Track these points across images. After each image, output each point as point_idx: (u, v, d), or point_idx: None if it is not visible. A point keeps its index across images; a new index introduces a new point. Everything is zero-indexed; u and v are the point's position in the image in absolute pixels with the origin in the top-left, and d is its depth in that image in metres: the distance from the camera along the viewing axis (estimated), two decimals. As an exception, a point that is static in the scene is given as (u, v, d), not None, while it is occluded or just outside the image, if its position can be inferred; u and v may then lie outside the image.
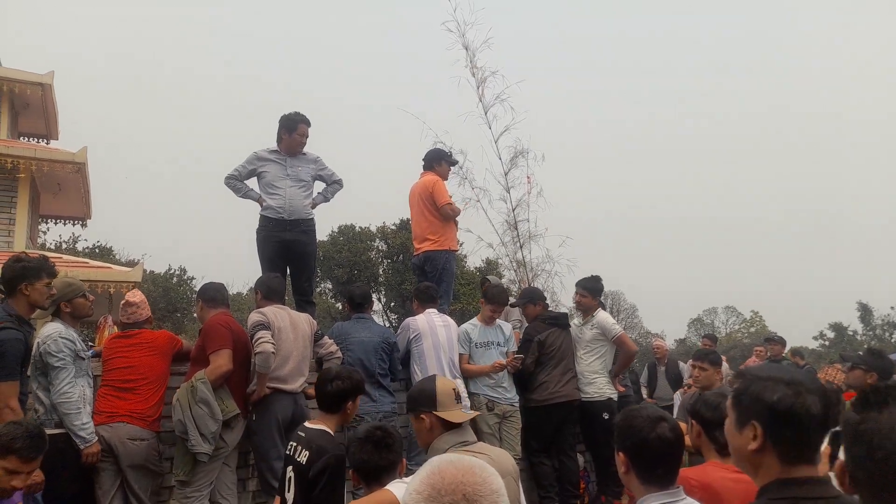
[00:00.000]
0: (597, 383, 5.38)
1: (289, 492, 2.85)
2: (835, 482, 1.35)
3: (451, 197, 5.85)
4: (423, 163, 5.98)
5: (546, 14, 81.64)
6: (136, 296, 4.27)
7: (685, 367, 8.58)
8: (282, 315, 4.31)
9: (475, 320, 5.35)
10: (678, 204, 76.37)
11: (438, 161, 5.94)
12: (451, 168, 6.17)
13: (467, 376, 5.07)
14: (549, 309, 6.04)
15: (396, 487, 2.29)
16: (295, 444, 2.91)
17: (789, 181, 78.43)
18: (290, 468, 2.88)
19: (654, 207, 75.58)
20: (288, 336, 4.24)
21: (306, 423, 3.03)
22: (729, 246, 72.96)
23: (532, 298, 5.72)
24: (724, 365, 7.44)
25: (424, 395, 2.53)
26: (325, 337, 4.54)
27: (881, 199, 71.67)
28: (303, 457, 2.80)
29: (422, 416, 2.50)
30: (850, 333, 44.58)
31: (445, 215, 5.65)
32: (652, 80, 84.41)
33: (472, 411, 3.11)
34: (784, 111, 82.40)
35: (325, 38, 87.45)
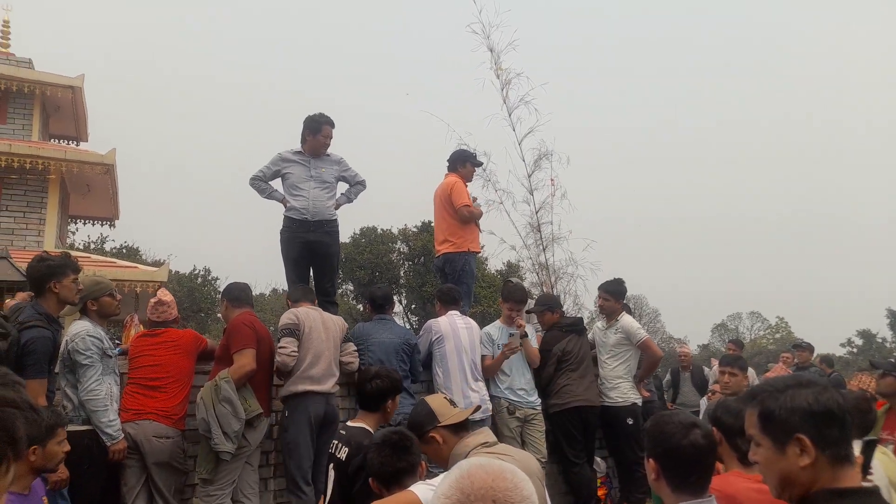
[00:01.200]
0: (621, 388, 5.32)
1: (330, 489, 2.89)
2: None
3: (474, 199, 5.83)
4: (447, 164, 5.97)
5: (545, 13, 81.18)
6: (167, 295, 4.32)
7: (710, 372, 8.44)
8: (314, 315, 4.33)
9: (497, 322, 5.32)
10: (702, 208, 75.54)
11: (462, 162, 5.92)
12: (476, 169, 6.15)
13: (488, 374, 5.04)
14: (566, 315, 5.99)
15: (420, 489, 2.26)
16: (336, 441, 2.97)
17: (814, 185, 77.25)
18: (331, 465, 2.92)
19: (678, 211, 74.83)
20: (319, 336, 4.26)
21: (349, 422, 3.09)
22: (754, 250, 71.96)
23: (550, 306, 5.66)
24: (751, 371, 7.31)
25: (423, 415, 2.54)
26: (350, 343, 4.54)
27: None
28: (342, 453, 2.85)
29: (430, 435, 2.49)
30: (879, 340, 43.55)
31: (462, 217, 5.63)
32: (675, 81, 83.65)
33: (472, 407, 3.13)
34: (805, 113, 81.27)
35: (343, 43, 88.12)
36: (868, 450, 2.29)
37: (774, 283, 66.31)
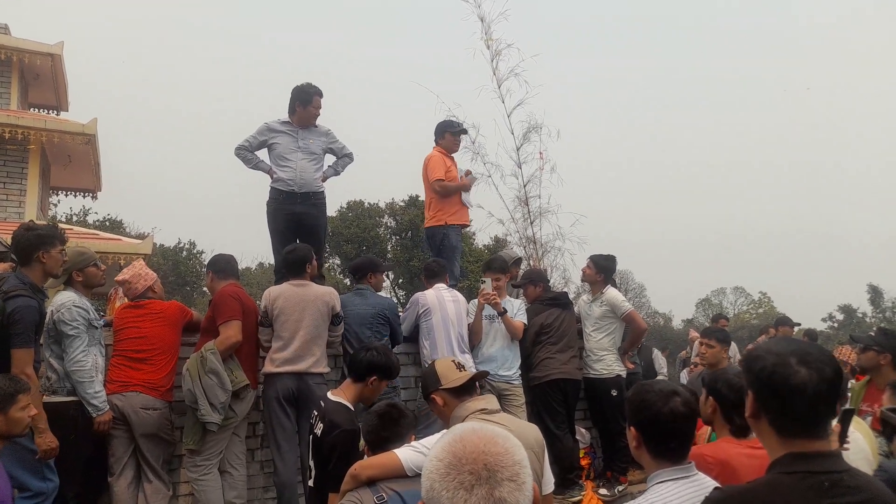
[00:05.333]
0: (605, 360, 5.37)
1: (311, 460, 2.92)
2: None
3: (467, 172, 5.84)
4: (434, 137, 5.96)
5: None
6: (126, 272, 4.26)
7: (659, 354, 8.19)
8: (288, 294, 4.23)
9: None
10: (692, 187, 75.93)
11: (441, 133, 5.92)
12: (461, 138, 6.09)
13: (475, 339, 5.04)
14: (551, 288, 6.02)
15: (403, 450, 2.34)
16: (316, 413, 2.99)
17: (795, 172, 77.90)
18: (311, 437, 2.96)
19: (667, 195, 75.18)
20: (290, 317, 4.18)
21: (329, 394, 3.06)
22: (739, 228, 72.67)
23: (532, 280, 5.67)
24: (733, 346, 7.36)
25: (429, 378, 2.62)
26: (339, 327, 4.43)
27: (886, 199, 71.05)
28: (318, 429, 2.87)
29: (432, 397, 2.56)
30: (860, 315, 44.27)
31: (436, 192, 5.67)
32: (674, 64, 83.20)
33: (474, 371, 3.15)
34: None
35: (331, 10, 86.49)
36: (845, 419, 2.34)
37: (758, 259, 67.14)
